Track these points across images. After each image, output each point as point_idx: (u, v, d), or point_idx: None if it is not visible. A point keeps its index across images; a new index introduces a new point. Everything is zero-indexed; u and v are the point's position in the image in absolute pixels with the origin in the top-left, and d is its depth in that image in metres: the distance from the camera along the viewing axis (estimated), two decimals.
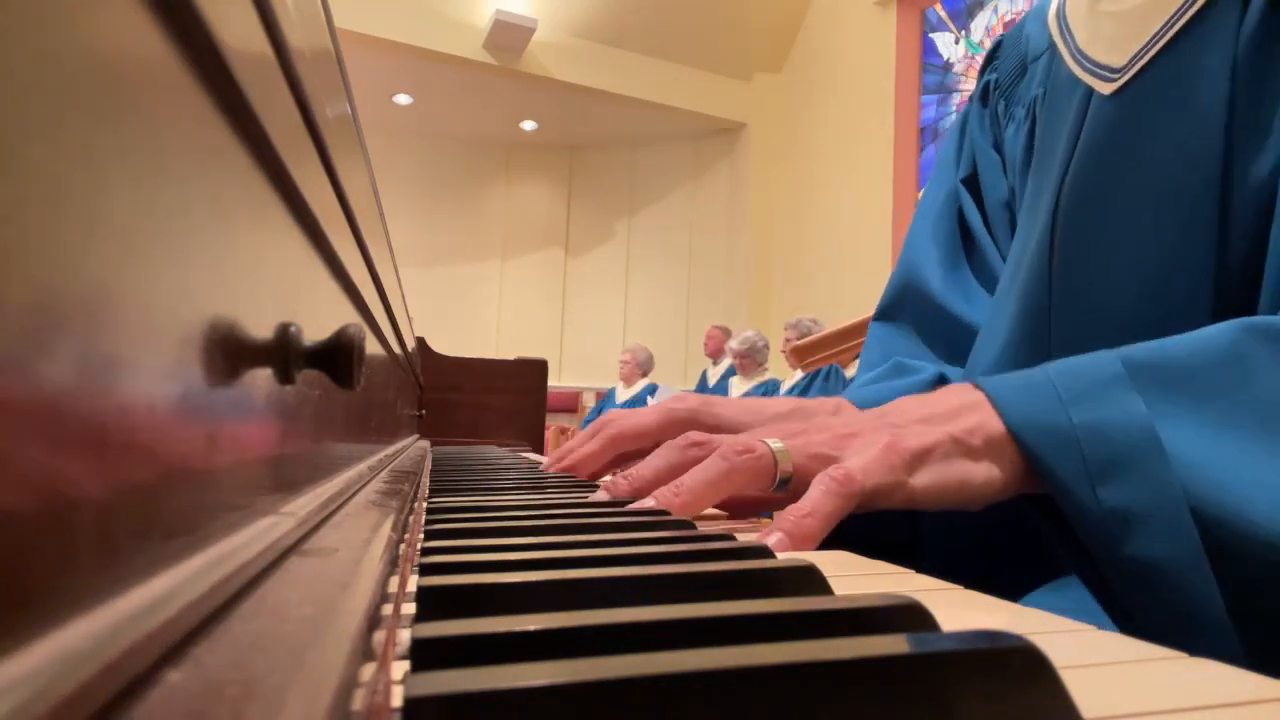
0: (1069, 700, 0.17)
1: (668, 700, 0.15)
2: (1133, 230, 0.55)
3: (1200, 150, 0.51)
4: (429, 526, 0.37)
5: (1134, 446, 0.38)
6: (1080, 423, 0.39)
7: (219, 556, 0.17)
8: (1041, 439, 0.40)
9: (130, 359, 0.13)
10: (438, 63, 5.62)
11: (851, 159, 5.60)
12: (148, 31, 0.14)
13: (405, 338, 1.01)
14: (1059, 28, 0.65)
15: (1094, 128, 0.59)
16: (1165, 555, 0.36)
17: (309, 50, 0.26)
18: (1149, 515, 0.37)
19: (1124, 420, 0.38)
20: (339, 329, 0.29)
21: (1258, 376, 0.38)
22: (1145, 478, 0.37)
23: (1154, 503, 0.37)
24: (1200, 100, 0.52)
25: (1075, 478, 0.39)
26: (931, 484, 0.42)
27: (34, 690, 0.09)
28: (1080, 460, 0.38)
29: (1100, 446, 0.38)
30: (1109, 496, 0.38)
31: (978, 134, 0.75)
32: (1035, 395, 0.41)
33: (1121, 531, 0.37)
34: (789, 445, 0.46)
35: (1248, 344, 0.39)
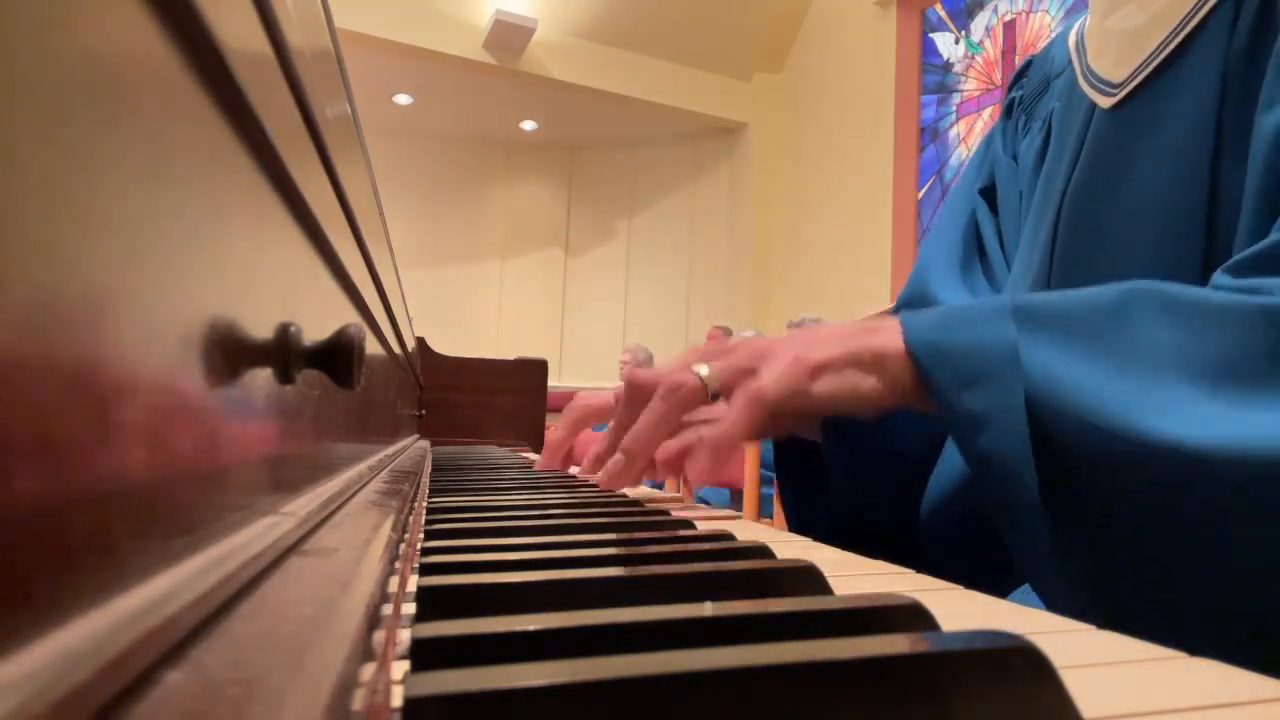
0: (1069, 700, 0.17)
1: (668, 700, 0.15)
2: (1125, 243, 0.57)
3: (1188, 165, 0.53)
4: (429, 526, 0.37)
5: (995, 362, 0.44)
6: (958, 342, 0.46)
7: (219, 556, 0.16)
8: (927, 355, 0.47)
9: (130, 359, 0.13)
10: (438, 63, 5.62)
11: (851, 159, 5.59)
12: (148, 31, 0.14)
13: (405, 338, 1.01)
14: (1076, 46, 0.68)
15: (1094, 142, 0.61)
16: (1001, 449, 0.43)
17: (309, 50, 0.26)
18: (994, 416, 0.43)
19: (993, 342, 0.44)
20: (339, 329, 0.29)
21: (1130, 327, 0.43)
22: (998, 387, 0.43)
23: (1000, 406, 0.43)
24: (1190, 116, 0.54)
25: (947, 387, 0.45)
26: (827, 391, 0.49)
27: (34, 690, 0.09)
28: (954, 372, 0.45)
29: (969, 362, 0.45)
30: (969, 401, 0.44)
31: (999, 147, 0.78)
32: (933, 322, 0.48)
33: (974, 431, 0.44)
34: (713, 367, 0.53)
35: (1134, 301, 0.44)
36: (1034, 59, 0.78)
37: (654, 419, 0.53)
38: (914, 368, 0.47)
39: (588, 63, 5.94)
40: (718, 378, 0.52)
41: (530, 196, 7.16)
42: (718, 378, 0.52)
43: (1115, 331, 0.43)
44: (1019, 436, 0.42)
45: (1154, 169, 0.56)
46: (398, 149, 6.53)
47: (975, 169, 0.80)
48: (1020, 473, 0.42)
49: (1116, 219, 0.58)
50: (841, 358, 0.49)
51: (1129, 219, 0.57)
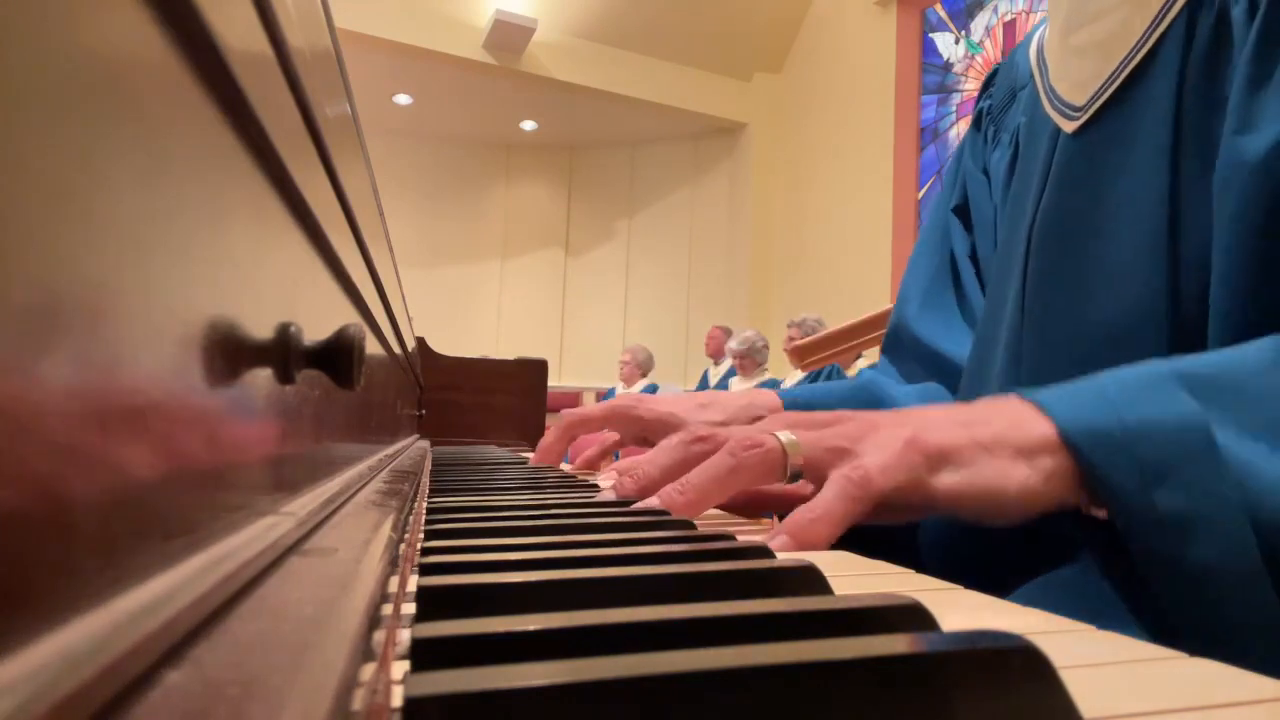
0: (1069, 700, 0.17)
1: (668, 700, 0.15)
2: (1094, 268, 0.56)
3: (1150, 188, 0.52)
4: (429, 526, 0.37)
5: (1188, 448, 0.36)
6: (1133, 423, 0.37)
7: (219, 556, 0.16)
8: (1093, 441, 0.38)
9: (130, 359, 0.13)
10: (437, 63, 5.62)
11: (851, 159, 5.60)
12: (148, 31, 0.14)
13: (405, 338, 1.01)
14: (1037, 60, 0.67)
15: (1059, 166, 0.60)
16: (1223, 563, 0.35)
17: (309, 50, 0.26)
18: (1206, 521, 0.35)
19: (1177, 420, 0.37)
20: (339, 329, 0.29)
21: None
22: (1201, 481, 0.36)
23: (1211, 507, 0.35)
24: (1149, 138, 0.53)
25: (1129, 481, 0.36)
26: (958, 485, 0.39)
27: (34, 690, 0.09)
28: (1134, 462, 0.36)
29: (1154, 448, 0.36)
30: (1164, 501, 0.36)
31: (970, 161, 0.78)
32: (1085, 399, 0.39)
33: (1178, 538, 0.36)
34: (801, 438, 0.44)
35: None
36: (1000, 68, 0.78)
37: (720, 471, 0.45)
38: (1076, 460, 0.38)
39: (588, 63, 5.94)
40: (803, 451, 0.43)
41: (530, 196, 7.17)
42: (803, 451, 0.43)
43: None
44: (1243, 542, 0.35)
45: (1118, 193, 0.55)
46: (398, 149, 6.54)
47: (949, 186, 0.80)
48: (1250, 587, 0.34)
49: (1085, 244, 0.57)
50: (972, 446, 0.40)
51: (1097, 244, 0.56)
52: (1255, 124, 0.46)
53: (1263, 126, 0.45)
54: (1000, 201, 0.71)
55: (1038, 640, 0.17)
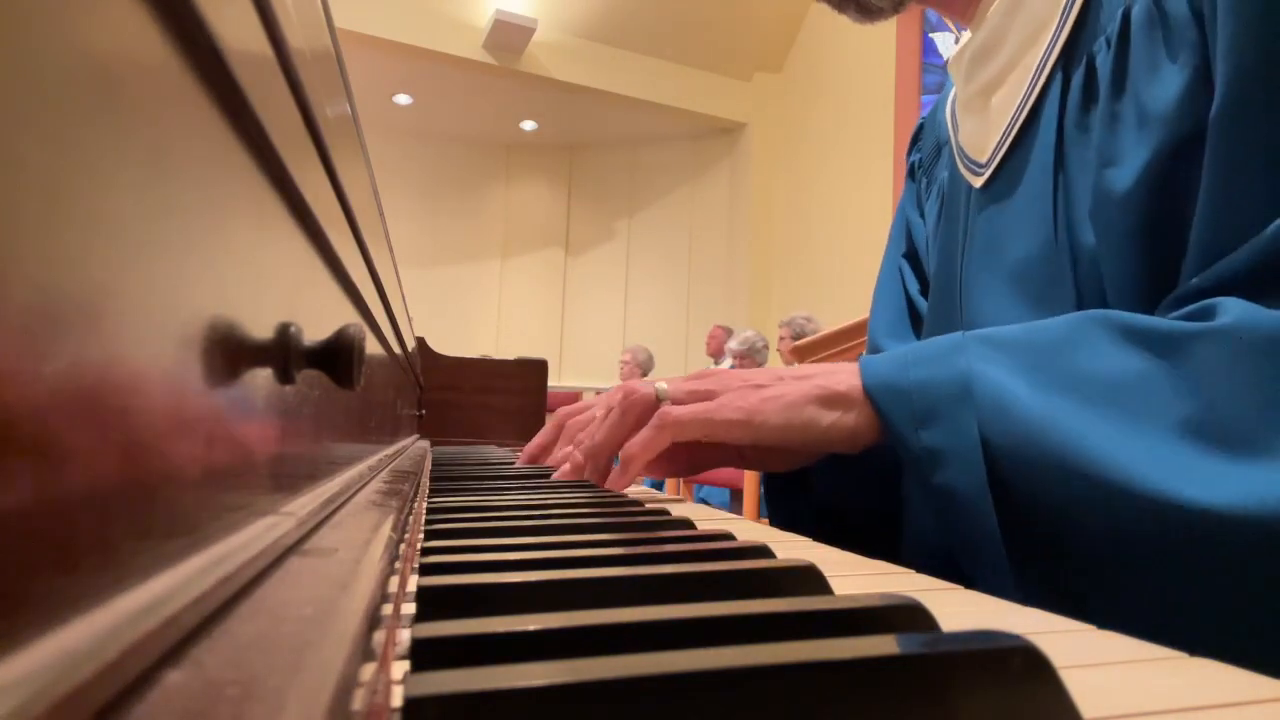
0: (1069, 700, 0.17)
1: (668, 700, 0.15)
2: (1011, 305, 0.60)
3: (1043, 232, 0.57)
4: (429, 526, 0.37)
5: (949, 396, 0.45)
6: (913, 378, 0.47)
7: (219, 556, 0.16)
8: (884, 394, 0.48)
9: (130, 359, 0.13)
10: (438, 63, 5.62)
11: (851, 159, 5.59)
12: (148, 31, 0.14)
13: (405, 338, 1.01)
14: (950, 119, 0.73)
15: (973, 222, 0.66)
16: (959, 486, 0.43)
17: (309, 50, 0.26)
18: (951, 453, 0.44)
19: (946, 376, 0.45)
20: (339, 329, 0.29)
21: (1081, 351, 0.44)
22: (952, 422, 0.44)
23: (956, 443, 0.44)
24: (1037, 185, 0.58)
25: (904, 425, 0.46)
26: (778, 424, 0.50)
27: (34, 690, 0.09)
28: (910, 411, 0.46)
29: (924, 399, 0.46)
30: (926, 438, 0.45)
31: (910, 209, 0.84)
32: (889, 362, 0.49)
33: (932, 467, 0.45)
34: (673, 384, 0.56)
35: (1085, 327, 0.45)
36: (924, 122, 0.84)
37: (608, 426, 0.58)
38: (873, 408, 0.49)
39: (588, 63, 5.94)
40: (670, 395, 0.56)
41: (530, 196, 7.17)
42: (670, 395, 0.56)
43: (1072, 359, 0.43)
44: (975, 471, 0.43)
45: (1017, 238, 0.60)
46: (398, 149, 6.54)
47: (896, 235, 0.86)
48: (978, 507, 0.42)
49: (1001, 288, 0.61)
50: (799, 394, 0.50)
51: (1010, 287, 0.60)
52: (1117, 157, 0.51)
53: (1124, 160, 0.50)
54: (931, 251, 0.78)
55: (1038, 640, 0.17)
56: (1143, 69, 0.51)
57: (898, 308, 0.84)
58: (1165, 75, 0.49)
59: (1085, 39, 0.56)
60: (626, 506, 0.48)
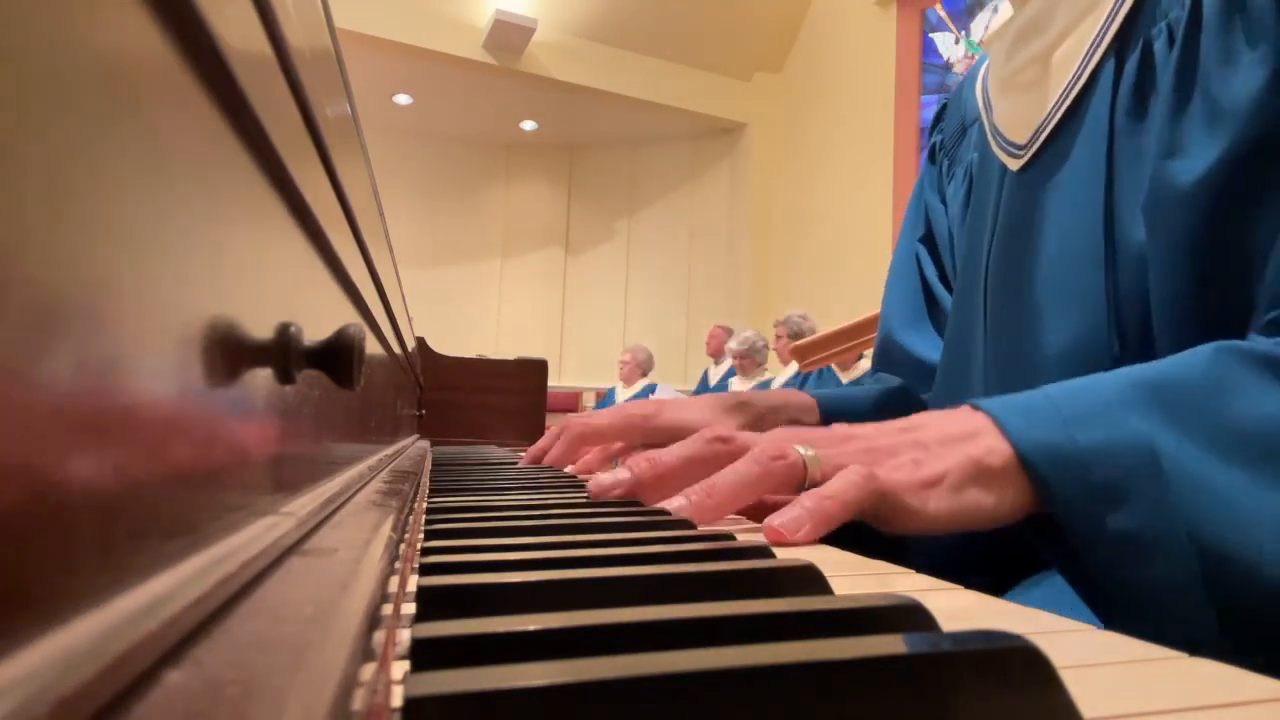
0: (1069, 700, 0.17)
1: (668, 700, 0.15)
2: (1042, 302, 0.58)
3: (1086, 221, 0.54)
4: (429, 526, 0.37)
5: (1136, 469, 0.38)
6: (1085, 445, 0.39)
7: (219, 556, 0.16)
8: (1049, 463, 0.40)
9: (130, 359, 0.13)
10: (438, 63, 5.62)
11: (851, 159, 5.59)
12: (148, 31, 0.14)
13: (405, 338, 1.01)
14: (983, 98, 0.70)
15: (1007, 205, 0.63)
16: (1165, 580, 0.37)
17: (309, 50, 0.26)
18: (1151, 539, 0.37)
19: (1126, 442, 0.39)
20: (339, 329, 0.29)
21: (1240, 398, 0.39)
22: (1149, 502, 0.37)
23: (1156, 527, 0.37)
24: (1084, 172, 0.55)
25: (1082, 502, 0.39)
26: (946, 510, 0.42)
27: (34, 690, 0.09)
28: (1086, 484, 0.39)
29: (1105, 470, 0.38)
30: (1114, 521, 0.38)
31: (929, 193, 0.81)
32: (1038, 418, 0.41)
33: (1125, 557, 0.38)
34: (820, 454, 0.46)
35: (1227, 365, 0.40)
36: (949, 101, 0.81)
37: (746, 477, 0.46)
38: (1030, 479, 0.40)
39: (588, 63, 5.94)
40: (822, 468, 0.45)
41: (530, 196, 7.17)
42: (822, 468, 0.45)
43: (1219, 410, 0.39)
44: (1186, 562, 0.36)
45: (1058, 227, 0.57)
46: (398, 149, 6.53)
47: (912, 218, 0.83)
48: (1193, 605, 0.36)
49: (1033, 279, 0.59)
50: (962, 466, 0.42)
51: (1044, 278, 0.58)
52: (1182, 150, 0.48)
53: (1191, 153, 0.47)
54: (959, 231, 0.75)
55: (1038, 640, 0.17)
56: (1216, 59, 0.48)
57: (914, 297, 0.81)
58: (1242, 68, 0.46)
59: (1142, 23, 0.53)
60: (626, 507, 0.48)
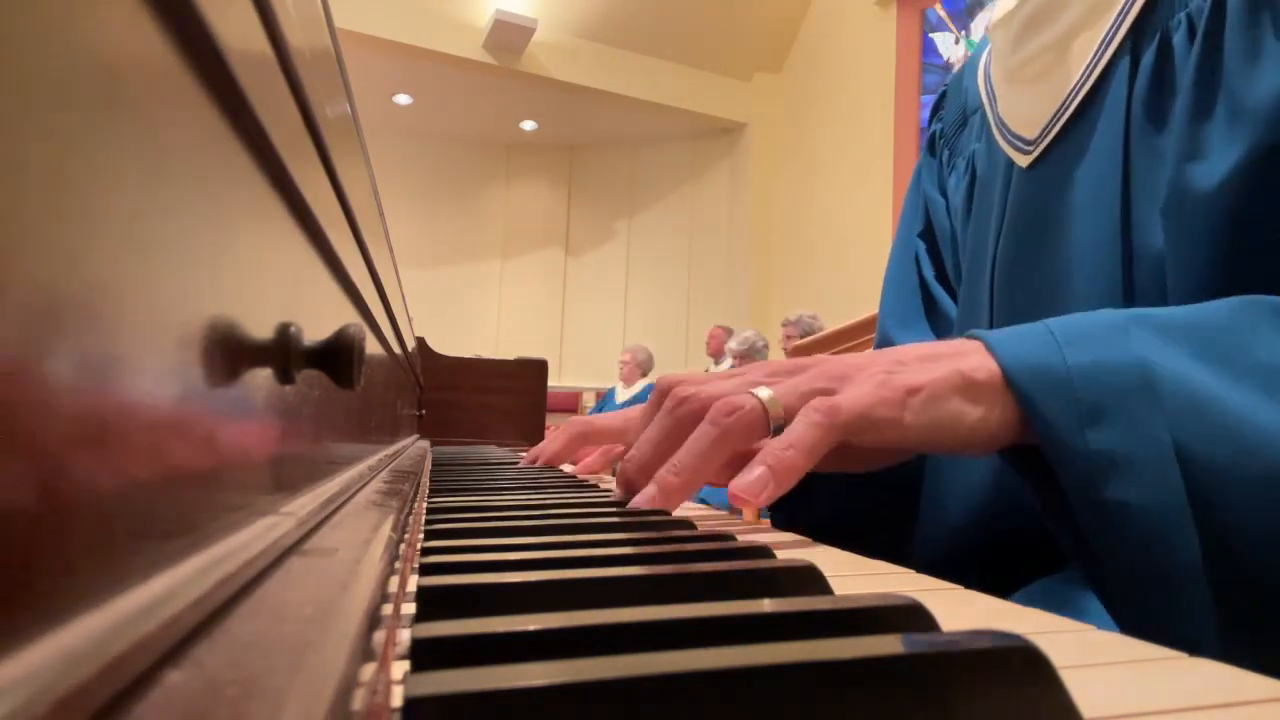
0: (1069, 700, 0.17)
1: (668, 700, 0.15)
2: (1053, 300, 0.56)
3: (1102, 221, 0.52)
4: (429, 526, 0.37)
5: (1126, 388, 0.36)
6: (1074, 364, 0.37)
7: (219, 556, 0.16)
8: (1035, 380, 0.38)
9: (130, 359, 0.13)
10: (438, 63, 5.62)
11: (851, 159, 5.60)
12: (148, 31, 0.14)
13: (405, 338, 1.01)
14: (986, 88, 0.67)
15: (1015, 202, 0.60)
16: (1147, 501, 0.35)
17: (309, 50, 0.26)
18: (1135, 460, 0.35)
19: (1119, 361, 0.37)
20: (339, 329, 0.29)
21: (1257, 339, 0.37)
22: (1135, 421, 0.36)
23: (1141, 448, 0.35)
24: (1099, 170, 0.53)
25: (1065, 420, 0.37)
26: (925, 422, 0.40)
27: (34, 690, 0.09)
28: (1072, 401, 0.37)
29: (1093, 388, 0.37)
30: (1096, 439, 0.36)
31: (928, 184, 0.79)
32: (1031, 340, 0.40)
33: (1104, 476, 0.36)
34: (777, 390, 0.44)
35: (1248, 312, 0.39)
36: (948, 89, 0.79)
37: (706, 443, 0.44)
38: (1016, 397, 0.39)
39: (588, 63, 5.94)
40: (782, 403, 0.43)
41: (530, 196, 7.17)
42: (782, 403, 0.43)
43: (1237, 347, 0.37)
44: (1170, 483, 0.34)
45: (1071, 227, 0.55)
46: (398, 149, 6.54)
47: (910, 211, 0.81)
48: (1172, 528, 0.34)
49: (1044, 280, 0.57)
50: (943, 379, 0.40)
51: (1055, 279, 0.56)
52: (1203, 153, 0.46)
53: (1211, 156, 0.45)
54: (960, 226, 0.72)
55: (1038, 640, 0.17)
56: (1240, 57, 0.46)
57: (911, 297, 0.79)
58: (1267, 66, 0.44)
59: (1160, 14, 0.51)
60: (627, 506, 0.48)
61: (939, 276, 0.80)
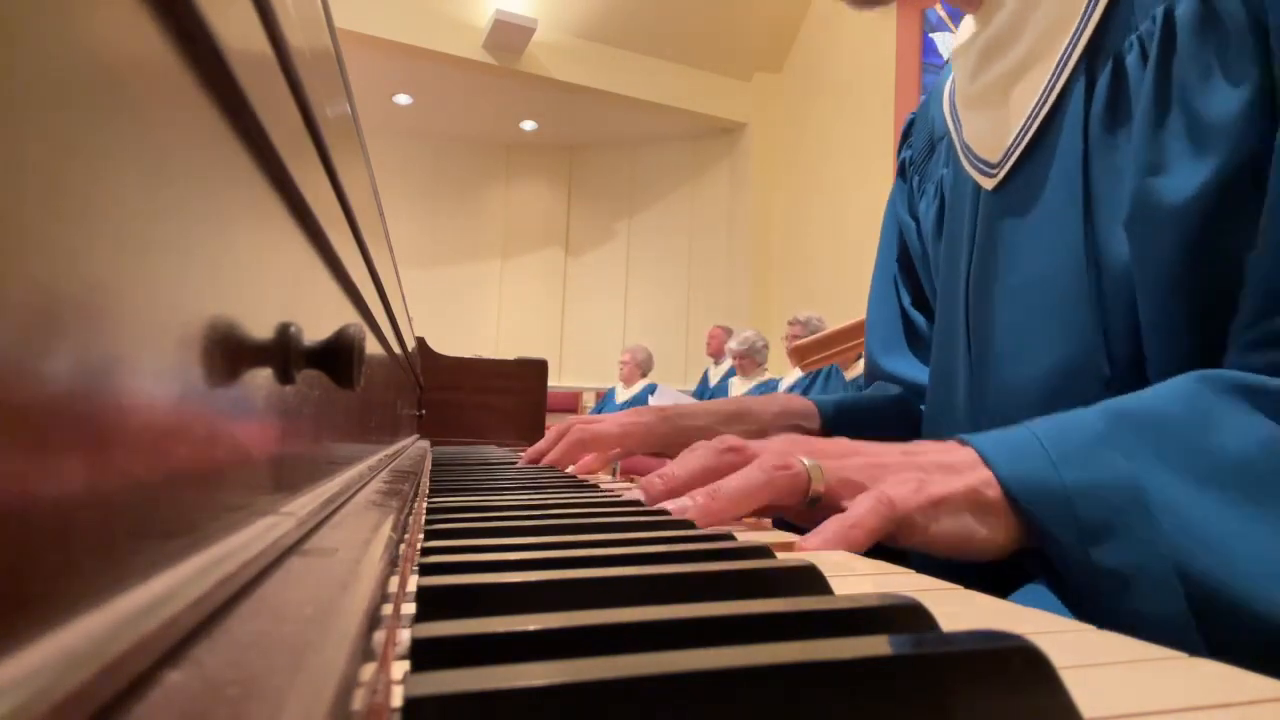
0: (1069, 700, 0.17)
1: (668, 700, 0.15)
2: (1026, 325, 0.58)
3: (1067, 238, 0.54)
4: (429, 526, 0.37)
5: (1123, 508, 0.39)
6: (1071, 484, 0.40)
7: (219, 556, 0.16)
8: (1037, 501, 0.41)
9: (130, 359, 0.13)
10: (438, 63, 5.62)
11: (851, 159, 5.59)
12: (148, 31, 0.14)
13: (405, 338, 1.01)
14: (950, 114, 0.70)
15: (984, 224, 0.63)
16: (1154, 613, 0.38)
17: (309, 50, 0.26)
18: (1139, 576, 0.38)
19: (1113, 481, 0.40)
20: (339, 329, 0.29)
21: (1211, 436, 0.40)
22: (1135, 539, 0.38)
23: (1143, 564, 0.38)
24: (1062, 188, 0.55)
25: (1070, 539, 0.40)
26: (945, 533, 0.43)
27: (34, 690, 0.09)
28: (1074, 522, 0.40)
29: (1092, 508, 0.40)
30: (1102, 557, 0.39)
31: (901, 209, 0.83)
32: (1024, 454, 0.43)
33: (1114, 590, 0.39)
34: (824, 465, 0.48)
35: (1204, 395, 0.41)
36: (915, 117, 0.82)
37: (752, 484, 0.47)
38: (1020, 513, 0.42)
39: (588, 63, 5.94)
40: (824, 480, 0.47)
41: (530, 196, 7.16)
42: (824, 480, 0.47)
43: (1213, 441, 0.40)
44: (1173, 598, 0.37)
45: (1037, 246, 0.57)
46: (398, 149, 6.53)
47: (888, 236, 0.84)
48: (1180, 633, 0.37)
49: (1015, 300, 0.59)
50: (961, 494, 0.43)
51: (1026, 299, 0.58)
52: (1166, 167, 0.48)
53: (1176, 171, 0.47)
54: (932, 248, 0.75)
55: (1038, 640, 0.17)
56: (1193, 75, 0.48)
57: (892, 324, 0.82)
58: (1222, 85, 0.46)
59: (1111, 38, 0.53)
60: (626, 507, 0.48)
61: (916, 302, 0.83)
